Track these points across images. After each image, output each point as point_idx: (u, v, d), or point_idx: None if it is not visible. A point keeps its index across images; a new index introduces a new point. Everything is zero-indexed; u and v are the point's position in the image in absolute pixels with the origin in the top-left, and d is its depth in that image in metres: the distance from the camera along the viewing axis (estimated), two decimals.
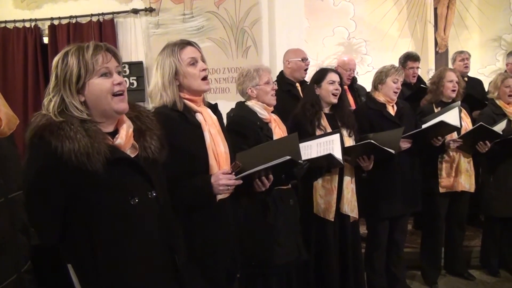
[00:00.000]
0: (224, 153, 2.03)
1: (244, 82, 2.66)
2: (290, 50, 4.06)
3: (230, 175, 1.91)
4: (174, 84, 1.99)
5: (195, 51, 2.03)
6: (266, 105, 2.65)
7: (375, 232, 3.42)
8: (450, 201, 3.64)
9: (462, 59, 4.92)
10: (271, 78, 2.69)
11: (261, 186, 2.13)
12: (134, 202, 1.50)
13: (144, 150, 1.61)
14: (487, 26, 7.25)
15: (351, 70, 4.33)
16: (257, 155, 2.10)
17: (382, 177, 3.23)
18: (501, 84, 3.73)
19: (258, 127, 2.56)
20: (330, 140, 2.77)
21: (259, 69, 2.66)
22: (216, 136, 2.02)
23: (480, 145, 3.45)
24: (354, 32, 7.07)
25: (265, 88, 2.64)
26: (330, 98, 3.04)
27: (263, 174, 2.09)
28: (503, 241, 3.88)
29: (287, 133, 2.70)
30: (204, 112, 2.04)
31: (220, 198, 1.98)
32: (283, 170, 2.25)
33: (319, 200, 2.98)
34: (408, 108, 3.50)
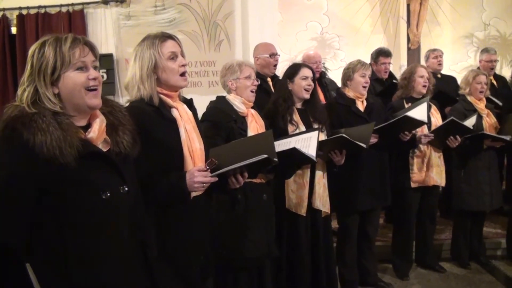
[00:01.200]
0: (199, 150, 2.03)
1: (226, 74, 2.72)
2: (259, 46, 4.09)
3: (206, 172, 1.91)
4: (152, 77, 1.98)
5: (176, 45, 2.03)
6: (245, 100, 2.68)
7: (345, 226, 3.50)
8: (422, 195, 3.74)
9: (435, 56, 5.04)
10: (253, 74, 2.73)
11: (235, 183, 2.15)
12: (106, 197, 1.51)
13: (116, 145, 1.61)
14: (459, 23, 7.45)
15: (317, 63, 4.38)
16: (231, 151, 2.11)
17: (350, 171, 3.30)
18: (473, 80, 3.83)
19: (233, 119, 2.58)
20: (309, 137, 2.81)
21: (242, 63, 2.72)
22: (191, 132, 2.03)
23: (450, 140, 3.55)
24: (327, 27, 7.15)
25: (245, 82, 2.69)
26: (302, 93, 3.08)
27: (238, 171, 2.11)
28: (473, 234, 4.01)
29: (265, 129, 2.72)
30: (179, 108, 2.04)
31: (194, 195, 1.99)
32: (258, 167, 2.29)
33: (291, 195, 3.03)
34: (378, 103, 3.58)
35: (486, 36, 7.56)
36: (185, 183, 1.89)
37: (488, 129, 3.79)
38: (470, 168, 3.83)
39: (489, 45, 7.05)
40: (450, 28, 7.45)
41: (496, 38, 7.58)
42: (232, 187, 2.12)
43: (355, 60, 3.48)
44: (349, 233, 3.49)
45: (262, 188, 2.70)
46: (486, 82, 3.84)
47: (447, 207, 4.49)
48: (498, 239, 4.35)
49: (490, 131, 3.78)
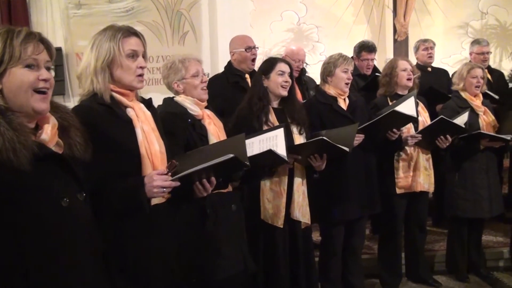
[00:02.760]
0: (159, 153, 2.06)
1: (169, 75, 2.68)
2: (234, 39, 4.15)
3: (166, 176, 1.94)
4: (107, 72, 2.01)
5: (140, 44, 2.07)
6: (197, 100, 2.68)
7: (329, 238, 3.56)
8: (409, 202, 3.83)
9: (426, 48, 5.16)
10: (200, 69, 2.71)
11: (202, 190, 2.18)
12: (66, 204, 1.53)
13: (69, 148, 1.63)
14: (452, 11, 7.63)
15: (300, 61, 4.46)
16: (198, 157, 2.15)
17: (335, 177, 3.38)
18: (467, 74, 3.92)
19: (189, 125, 2.58)
20: (273, 136, 2.86)
21: (185, 59, 2.68)
22: (149, 134, 2.05)
23: (440, 140, 3.65)
24: (305, 17, 7.25)
25: (193, 82, 2.66)
26: (279, 90, 3.13)
27: (204, 175, 2.14)
28: (470, 243, 4.11)
29: (224, 130, 2.76)
30: (136, 107, 2.07)
31: (155, 203, 2.01)
32: (227, 171, 2.32)
33: (266, 205, 3.07)
34: (361, 101, 3.67)
35: (483, 26, 7.75)
36: (143, 188, 1.91)
37: (486, 128, 3.89)
38: (465, 171, 3.92)
39: (487, 36, 7.28)
40: (442, 17, 7.63)
41: (495, 27, 7.78)
42: (199, 195, 2.14)
43: (336, 54, 3.56)
44: (333, 245, 3.56)
45: (230, 198, 2.71)
46: (483, 76, 3.94)
47: (439, 214, 4.61)
48: (500, 248, 4.49)
49: (488, 130, 3.88)
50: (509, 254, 4.27)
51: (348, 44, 5.63)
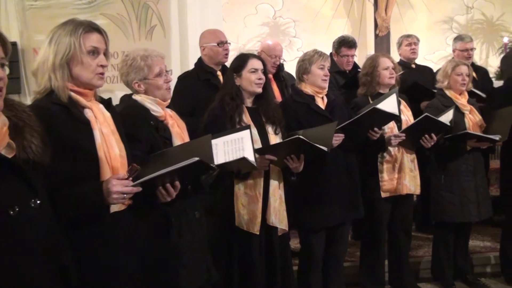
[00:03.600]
0: (119, 157, 2.06)
1: (129, 74, 2.61)
2: (205, 33, 4.16)
3: (126, 181, 1.94)
4: (66, 69, 2.01)
5: (102, 41, 2.07)
6: (160, 100, 2.64)
7: (309, 245, 3.59)
8: (393, 206, 3.88)
9: (409, 43, 5.24)
10: (164, 67, 2.66)
11: (165, 195, 2.17)
12: (14, 213, 1.51)
13: (23, 150, 1.61)
14: (436, 5, 7.77)
15: (277, 57, 4.49)
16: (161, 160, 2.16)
17: (314, 180, 3.41)
18: (452, 71, 3.99)
19: (153, 127, 2.56)
20: (239, 138, 2.87)
21: (147, 57, 2.61)
22: (109, 137, 2.06)
23: (425, 139, 3.71)
24: (281, 11, 7.31)
25: (156, 82, 2.62)
26: (252, 88, 3.16)
27: (168, 180, 2.14)
28: (457, 249, 4.18)
29: (187, 131, 2.74)
30: (94, 108, 2.07)
31: (115, 210, 2.01)
32: (192, 175, 2.32)
33: (241, 210, 3.08)
34: (340, 100, 3.72)
35: (469, 21, 7.91)
36: (102, 194, 1.91)
37: (472, 128, 3.96)
38: (451, 173, 3.99)
39: (472, 31, 7.44)
40: (425, 11, 7.77)
41: (481, 22, 7.94)
42: (162, 200, 2.14)
43: (310, 51, 3.60)
44: (313, 253, 3.59)
45: (193, 205, 2.69)
46: (468, 74, 4.01)
47: (423, 218, 4.68)
48: (487, 253, 4.58)
49: (474, 130, 3.94)
50: (500, 259, 4.34)
51: (327, 39, 5.69)
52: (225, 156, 2.85)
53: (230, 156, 2.85)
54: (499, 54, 6.93)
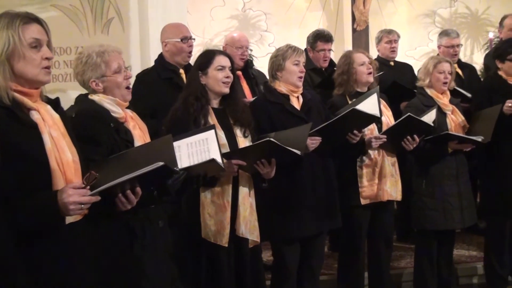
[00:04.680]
0: (72, 162, 2.04)
1: (85, 72, 2.60)
2: (167, 27, 4.15)
3: (83, 190, 1.93)
4: (7, 66, 1.98)
5: (43, 32, 2.05)
6: (118, 100, 2.64)
7: (282, 258, 3.60)
8: (373, 214, 3.93)
9: (389, 40, 5.32)
10: (122, 63, 2.67)
11: (125, 203, 2.17)
12: None
13: None
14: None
15: (243, 47, 4.52)
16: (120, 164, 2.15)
17: (288, 187, 3.42)
18: (434, 69, 4.05)
19: (113, 129, 2.54)
20: (203, 138, 2.88)
21: (104, 52, 2.60)
22: (59, 140, 2.04)
23: (407, 141, 3.76)
24: (251, 2, 7.32)
25: (115, 79, 2.61)
26: (219, 87, 3.16)
27: (128, 186, 2.13)
28: (440, 258, 4.23)
29: (155, 133, 2.77)
30: (41, 110, 2.05)
31: (71, 221, 1.99)
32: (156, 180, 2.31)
33: (208, 221, 3.08)
34: (317, 100, 3.75)
35: (452, 15, 8.05)
36: (57, 205, 1.89)
37: (454, 129, 4.04)
38: (433, 177, 4.05)
39: (456, 25, 7.56)
40: (406, 4, 7.87)
41: (465, 16, 8.09)
42: (122, 208, 2.13)
43: (284, 46, 3.62)
44: (287, 267, 3.60)
45: (157, 214, 2.68)
46: (451, 71, 4.09)
47: (404, 227, 4.74)
48: (473, 263, 4.67)
49: (457, 131, 4.03)
50: (484, 269, 4.44)
51: (300, 34, 5.75)
52: (190, 158, 2.85)
53: (195, 159, 2.85)
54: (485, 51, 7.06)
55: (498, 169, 4.13)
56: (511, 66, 4.10)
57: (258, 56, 6.48)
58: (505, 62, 4.12)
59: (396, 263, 4.62)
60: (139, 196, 2.17)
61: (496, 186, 4.14)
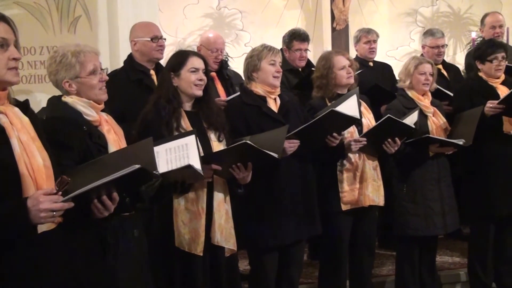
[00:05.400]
0: (43, 167, 2.04)
1: (59, 72, 2.61)
2: (137, 26, 4.16)
3: (55, 196, 1.93)
4: None
5: (9, 31, 2.05)
6: (93, 102, 2.65)
7: (260, 267, 3.62)
8: (355, 220, 3.96)
9: (368, 41, 5.39)
10: (98, 64, 2.68)
11: (102, 209, 2.17)
12: None
13: None
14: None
15: (218, 51, 4.53)
16: (97, 169, 2.16)
17: (265, 193, 3.45)
18: (415, 70, 4.12)
19: (85, 133, 2.55)
20: (183, 144, 2.89)
21: (79, 52, 2.62)
22: (29, 145, 2.03)
23: (388, 144, 3.82)
24: (226, 0, 7.33)
25: (90, 81, 2.63)
26: (192, 90, 3.17)
27: (105, 192, 2.14)
28: (422, 265, 4.29)
29: (127, 138, 2.76)
30: (9, 113, 2.04)
31: (43, 230, 1.99)
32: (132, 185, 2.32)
33: (182, 229, 3.08)
34: (295, 102, 3.78)
35: (434, 13, 8.15)
36: (27, 213, 1.89)
37: (436, 132, 4.11)
38: (414, 182, 4.11)
39: (439, 25, 7.65)
40: (387, 3, 7.96)
41: (448, 15, 8.20)
42: (98, 215, 2.13)
43: (259, 46, 3.67)
44: (265, 276, 3.62)
45: (132, 222, 2.69)
46: (432, 73, 4.16)
47: (386, 233, 4.79)
48: (456, 270, 4.75)
49: (438, 134, 4.10)
50: (468, 276, 4.50)
51: (278, 33, 5.75)
52: (168, 164, 2.86)
53: (174, 165, 2.86)
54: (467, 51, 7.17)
55: (481, 172, 4.20)
56: (491, 67, 4.17)
57: (233, 57, 6.49)
58: (485, 63, 4.19)
59: (378, 270, 4.68)
60: (116, 202, 2.18)
61: (479, 190, 4.21)
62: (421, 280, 4.31)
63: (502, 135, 4.14)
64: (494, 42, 4.44)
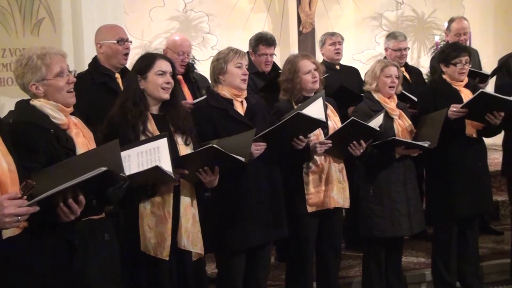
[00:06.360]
0: (7, 171, 2.03)
1: (25, 74, 2.61)
2: (102, 28, 4.12)
3: (20, 201, 1.92)
4: None
5: None
6: (62, 105, 2.64)
7: (227, 270, 3.62)
8: (321, 222, 3.99)
9: (333, 42, 5.41)
10: (66, 66, 2.68)
11: (68, 213, 2.15)
12: None
13: None
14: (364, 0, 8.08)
15: (185, 54, 4.52)
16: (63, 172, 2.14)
17: (232, 196, 3.45)
18: (381, 73, 4.16)
19: (52, 136, 2.53)
20: (155, 147, 2.88)
21: (45, 55, 2.62)
22: None
23: (353, 146, 3.84)
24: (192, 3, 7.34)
25: (57, 83, 2.62)
26: (159, 93, 3.15)
27: (70, 195, 2.12)
28: (388, 266, 4.34)
29: (94, 141, 2.74)
30: None
31: (8, 235, 1.97)
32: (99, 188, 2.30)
33: (147, 233, 3.05)
34: (262, 105, 3.79)
35: (399, 17, 8.30)
36: None
37: (401, 134, 4.16)
38: (381, 184, 4.16)
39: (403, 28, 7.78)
40: (352, 7, 8.06)
41: (412, 19, 8.36)
42: (65, 219, 2.11)
43: (225, 49, 3.67)
44: (233, 279, 3.62)
45: (102, 226, 2.69)
46: (398, 75, 4.21)
47: (353, 235, 4.83)
48: (422, 270, 4.81)
49: (404, 136, 4.15)
50: (432, 276, 4.56)
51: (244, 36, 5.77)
52: (139, 167, 2.84)
53: (145, 168, 2.84)
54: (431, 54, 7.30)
55: (444, 174, 4.28)
56: (455, 70, 4.24)
57: (200, 60, 6.50)
58: (449, 66, 4.26)
59: (345, 272, 4.70)
60: (83, 205, 2.16)
61: (442, 191, 4.29)
62: (388, 280, 4.36)
63: (465, 138, 4.23)
64: (459, 45, 4.52)
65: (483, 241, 5.13)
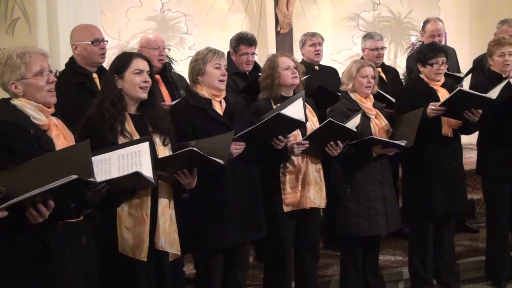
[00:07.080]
0: None
1: (4, 73, 2.59)
2: (77, 29, 4.09)
3: None
4: None
5: None
6: (42, 105, 2.62)
7: (205, 271, 3.62)
8: (298, 222, 4.01)
9: (313, 43, 5.43)
10: (46, 65, 2.66)
11: (36, 216, 2.13)
12: None
13: None
14: (341, 1, 8.13)
15: (160, 48, 4.52)
16: (33, 172, 2.11)
17: (209, 196, 3.45)
18: (357, 73, 4.19)
19: (32, 137, 2.51)
20: (136, 151, 2.85)
21: (25, 54, 2.60)
22: None
23: (330, 147, 3.86)
24: (170, 3, 7.32)
25: (36, 83, 2.60)
26: (137, 92, 3.14)
27: (40, 200, 2.10)
28: (366, 264, 4.38)
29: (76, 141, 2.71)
30: None
31: None
32: (70, 194, 2.28)
33: (125, 234, 3.04)
34: (241, 105, 3.79)
35: (376, 18, 8.37)
36: None
37: (378, 133, 4.20)
38: (358, 183, 4.19)
39: (380, 29, 7.85)
40: (330, 7, 8.11)
41: (388, 20, 8.43)
42: (33, 221, 2.09)
43: (203, 49, 3.66)
44: (211, 279, 3.61)
45: (79, 229, 2.67)
46: (374, 75, 4.24)
47: (331, 234, 4.86)
48: (399, 268, 4.85)
49: (381, 135, 4.18)
50: (409, 274, 4.59)
51: (222, 36, 5.79)
52: (120, 171, 2.81)
53: (125, 172, 2.81)
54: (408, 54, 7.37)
55: (420, 172, 4.32)
56: (431, 70, 4.29)
57: (178, 60, 6.49)
58: (426, 66, 4.30)
59: (323, 271, 4.72)
60: (51, 208, 2.14)
61: (418, 189, 4.33)
62: (365, 278, 4.39)
63: (441, 137, 4.28)
64: (436, 46, 4.57)
65: (459, 239, 5.19)
